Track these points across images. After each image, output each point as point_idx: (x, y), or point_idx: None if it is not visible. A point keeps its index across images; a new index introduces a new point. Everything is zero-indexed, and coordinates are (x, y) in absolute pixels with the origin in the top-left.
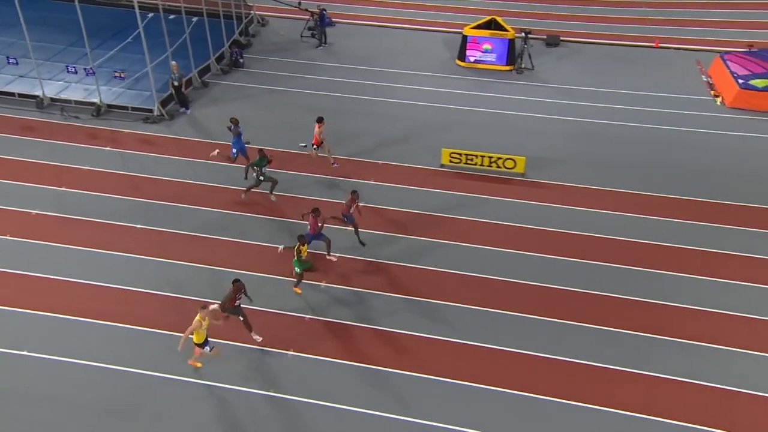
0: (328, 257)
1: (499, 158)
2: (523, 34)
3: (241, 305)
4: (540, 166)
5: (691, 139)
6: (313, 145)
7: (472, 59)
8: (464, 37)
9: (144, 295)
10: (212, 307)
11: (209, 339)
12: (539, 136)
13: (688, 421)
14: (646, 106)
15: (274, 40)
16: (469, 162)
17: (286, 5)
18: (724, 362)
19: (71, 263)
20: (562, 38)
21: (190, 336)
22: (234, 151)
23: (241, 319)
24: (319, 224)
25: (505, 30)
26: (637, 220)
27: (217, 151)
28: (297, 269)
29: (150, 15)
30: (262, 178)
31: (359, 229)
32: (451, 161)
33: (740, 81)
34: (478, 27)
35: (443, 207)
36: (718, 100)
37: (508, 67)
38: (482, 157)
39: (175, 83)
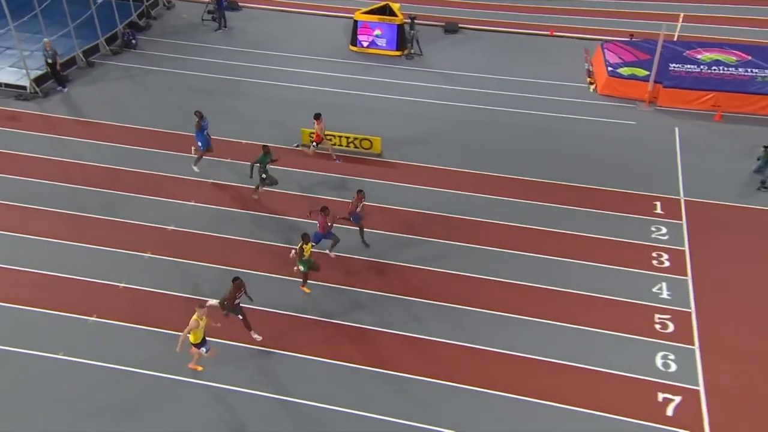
0: (330, 254)
1: (356, 138)
2: (409, 20)
3: (241, 304)
4: (400, 147)
5: (557, 124)
6: (313, 143)
7: (364, 44)
8: (355, 22)
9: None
10: (210, 302)
11: (207, 339)
12: (412, 119)
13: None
14: (526, 92)
15: (175, 23)
16: (328, 142)
17: None
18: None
19: None
20: (461, 25)
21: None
22: (200, 144)
23: (241, 318)
24: (329, 223)
25: (395, 15)
26: (494, 202)
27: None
28: (302, 268)
29: None
30: (264, 175)
31: (364, 230)
32: (311, 141)
33: (609, 69)
34: (371, 12)
35: (302, 186)
36: (592, 87)
37: (398, 53)
38: (340, 137)
39: (49, 60)
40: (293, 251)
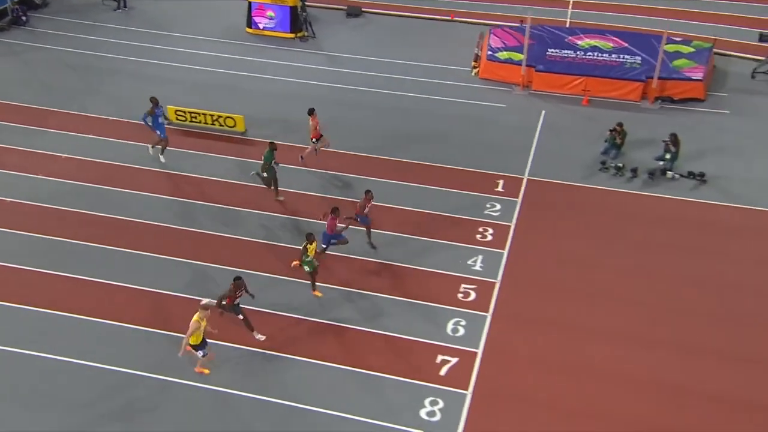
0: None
1: (220, 116)
2: (300, 2)
3: (241, 304)
4: (268, 126)
5: (433, 106)
6: (312, 139)
7: (260, 26)
8: (249, 4)
9: None
10: (204, 301)
11: (207, 340)
12: (291, 99)
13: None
14: (411, 75)
15: (75, 2)
16: (194, 120)
17: None
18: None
19: None
20: (364, 9)
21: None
22: (158, 132)
23: (241, 318)
24: (338, 225)
25: None
26: (349, 180)
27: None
28: (307, 269)
29: None
30: (265, 174)
31: (372, 230)
32: (177, 119)
33: (489, 53)
34: None
35: (168, 164)
36: (474, 71)
37: (291, 35)
38: (205, 115)
39: None
40: (294, 262)
